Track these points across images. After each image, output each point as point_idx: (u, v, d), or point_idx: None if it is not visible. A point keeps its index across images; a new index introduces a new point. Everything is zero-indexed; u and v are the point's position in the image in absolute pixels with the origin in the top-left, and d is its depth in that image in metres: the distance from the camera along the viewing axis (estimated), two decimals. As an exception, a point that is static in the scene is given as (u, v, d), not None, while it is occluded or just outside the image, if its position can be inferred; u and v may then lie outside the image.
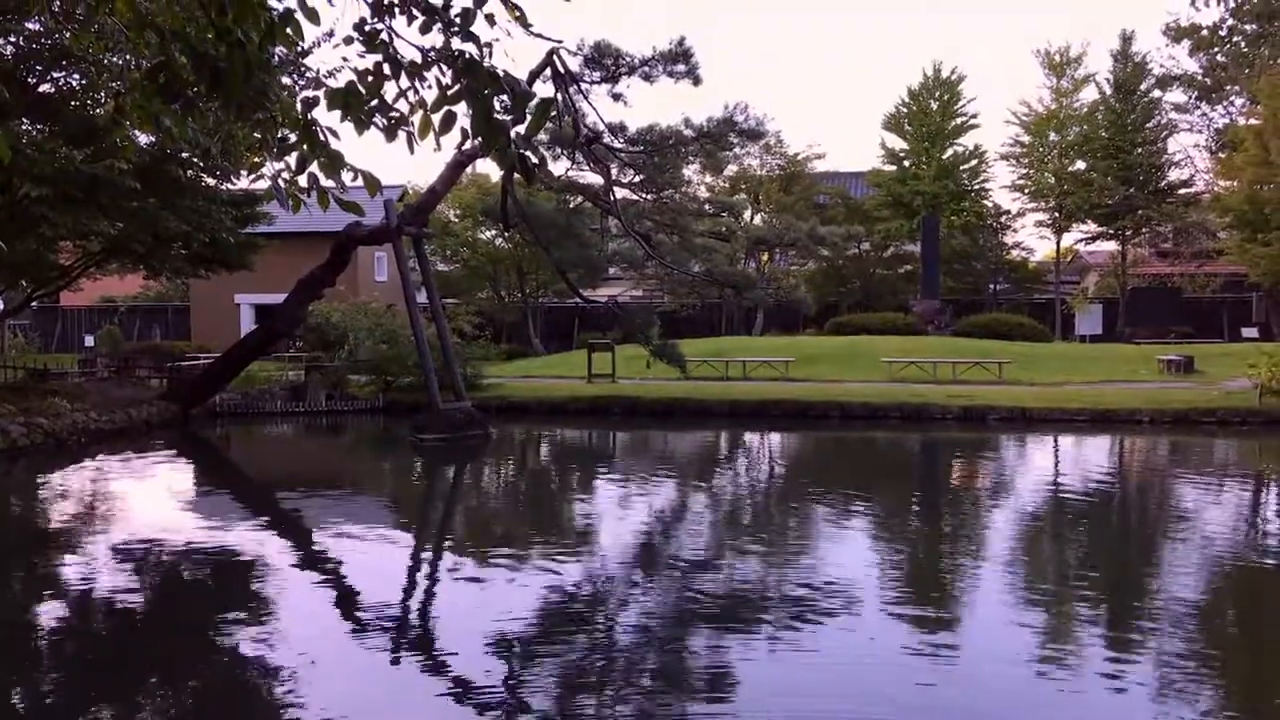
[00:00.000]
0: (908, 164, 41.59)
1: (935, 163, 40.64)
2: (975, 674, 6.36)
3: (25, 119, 16.72)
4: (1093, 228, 40.43)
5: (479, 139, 3.60)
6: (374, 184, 3.88)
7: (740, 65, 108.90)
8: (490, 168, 34.82)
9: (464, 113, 3.64)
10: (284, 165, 4.06)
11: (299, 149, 3.86)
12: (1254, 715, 5.99)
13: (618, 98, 18.19)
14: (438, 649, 7.17)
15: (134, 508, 12.50)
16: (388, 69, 3.72)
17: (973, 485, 14.22)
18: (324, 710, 5.90)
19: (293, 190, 4.05)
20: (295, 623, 7.66)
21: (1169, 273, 40.11)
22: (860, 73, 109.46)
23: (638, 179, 20.66)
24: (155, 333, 37.28)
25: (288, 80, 17.32)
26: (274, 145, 4.13)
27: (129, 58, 12.35)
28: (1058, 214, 40.08)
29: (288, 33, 3.68)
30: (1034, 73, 70.08)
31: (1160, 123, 39.23)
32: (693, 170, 35.14)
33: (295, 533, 11.48)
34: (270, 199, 3.98)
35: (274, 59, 3.93)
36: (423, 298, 20.80)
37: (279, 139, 4.12)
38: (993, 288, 42.16)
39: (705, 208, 28.02)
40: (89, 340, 35.00)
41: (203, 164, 18.70)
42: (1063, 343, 34.49)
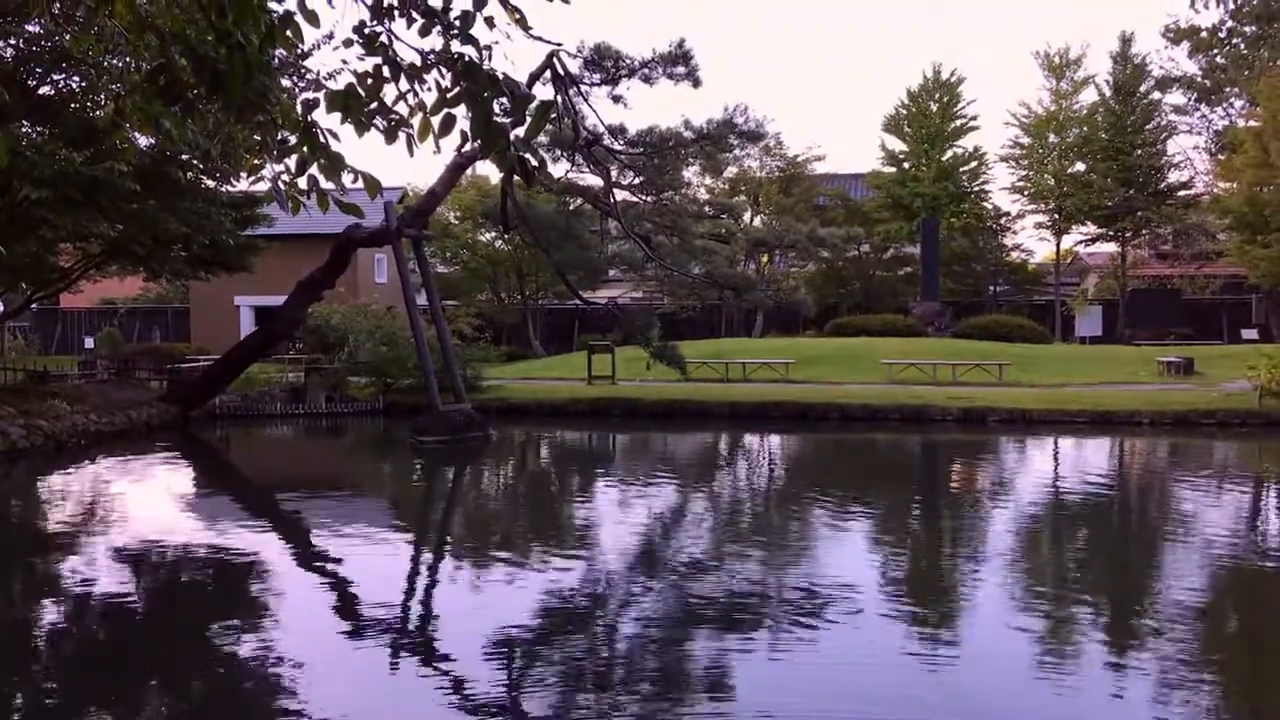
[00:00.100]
0: (907, 166, 41.62)
1: (935, 164, 40.66)
2: (975, 676, 6.37)
3: (25, 121, 16.73)
4: (1092, 229, 40.46)
5: (479, 141, 3.61)
6: (374, 186, 3.89)
7: (740, 67, 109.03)
8: (490, 170, 34.83)
9: (464, 115, 3.65)
10: (284, 167, 4.06)
11: (299, 151, 3.87)
12: (1254, 716, 6.00)
13: (617, 100, 18.22)
14: (437, 651, 7.17)
15: (134, 510, 12.50)
16: (387, 71, 3.73)
17: (973, 487, 14.22)
18: (323, 712, 5.90)
19: (292, 192, 4.05)
20: (295, 624, 7.66)
21: (1169, 274, 40.12)
22: (860, 74, 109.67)
23: (637, 181, 20.66)
24: (155, 335, 37.28)
25: (288, 82, 17.33)
26: (274, 147, 4.13)
27: (129, 60, 12.37)
28: (1057, 216, 40.11)
29: (287, 35, 3.69)
30: (1033, 75, 70.15)
31: (1160, 124, 39.27)
32: (692, 172, 35.22)
33: (295, 535, 11.48)
34: (270, 201, 3.98)
35: (274, 61, 3.93)
36: (423, 300, 20.80)
37: (279, 141, 4.13)
38: (992, 289, 42.19)
39: (705, 210, 28.03)
40: (89, 342, 35.02)
41: (203, 166, 18.70)
42: (1062, 344, 34.49)
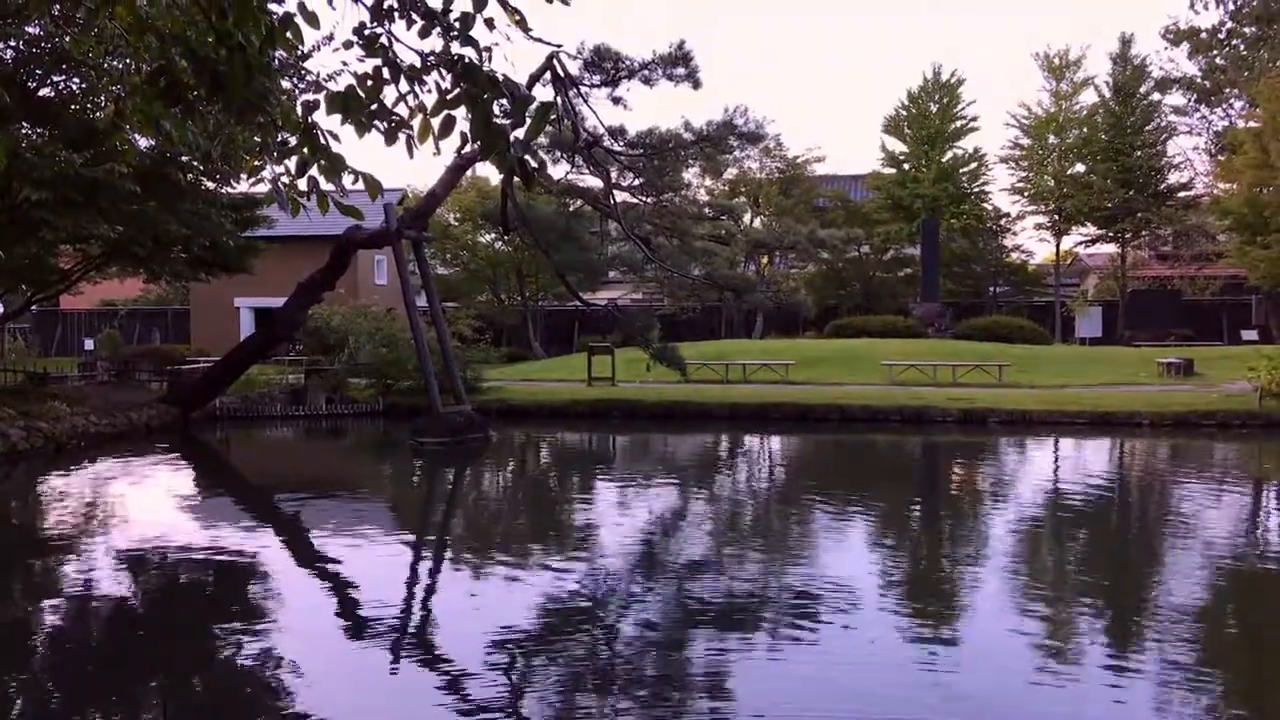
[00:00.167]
0: (907, 167, 41.62)
1: (935, 165, 40.67)
2: (975, 676, 6.36)
3: (25, 123, 16.72)
4: (1092, 230, 40.44)
5: (478, 143, 3.61)
6: (375, 187, 3.89)
7: (740, 66, 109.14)
8: (490, 171, 34.85)
9: (463, 117, 3.65)
10: (284, 169, 4.06)
11: (299, 152, 3.87)
12: (1255, 716, 5.99)
13: (617, 101, 18.22)
14: (438, 652, 7.17)
15: (134, 511, 12.50)
16: (387, 73, 3.73)
17: (973, 488, 14.22)
18: (323, 712, 5.90)
19: (292, 194, 4.05)
20: (295, 625, 7.66)
21: (1168, 275, 40.12)
22: (860, 74, 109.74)
23: (637, 182, 20.67)
24: (155, 336, 37.26)
25: (288, 84, 17.33)
26: (274, 149, 4.14)
27: (129, 62, 12.35)
28: (1057, 217, 40.11)
29: (287, 37, 3.69)
30: (1033, 76, 70.18)
31: (1159, 125, 39.26)
32: (692, 173, 35.22)
33: (295, 536, 11.48)
34: (271, 202, 3.97)
35: (274, 63, 3.93)
36: (423, 301, 20.80)
37: (279, 142, 4.13)
38: (992, 290, 42.20)
39: (705, 211, 27.99)
40: (89, 344, 35.02)
41: (203, 168, 18.70)
42: (1063, 345, 34.50)
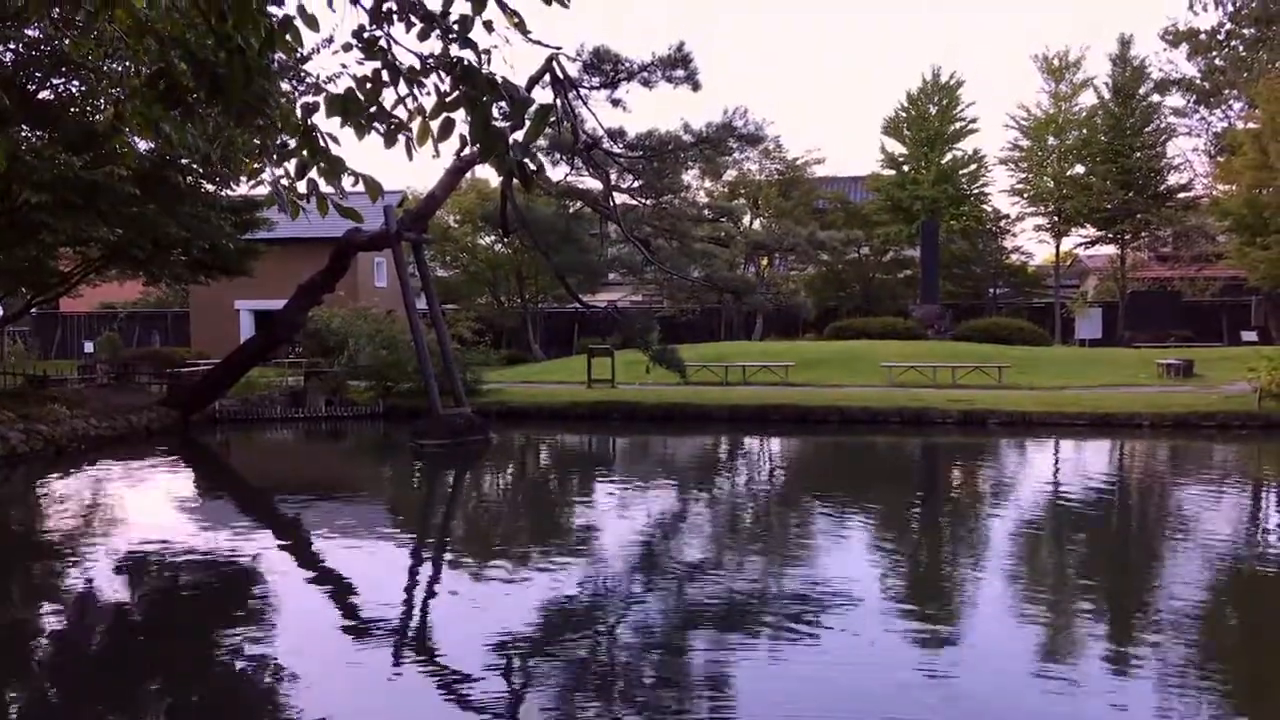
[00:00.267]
0: (907, 168, 41.63)
1: (934, 167, 40.68)
2: (975, 678, 6.36)
3: (25, 125, 16.73)
4: (1092, 232, 40.44)
5: (478, 145, 3.61)
6: (375, 189, 3.89)
7: (741, 66, 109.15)
8: (490, 173, 34.85)
9: (463, 119, 3.65)
10: (283, 171, 4.07)
11: (299, 155, 3.87)
12: (1255, 717, 5.99)
13: (617, 103, 18.26)
14: (437, 654, 7.16)
15: (134, 514, 12.49)
16: (386, 75, 3.73)
17: (973, 490, 14.21)
18: (324, 713, 5.90)
19: (292, 196, 4.06)
20: (295, 628, 7.66)
21: (1168, 276, 40.12)
22: (861, 73, 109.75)
23: (637, 184, 20.70)
24: (155, 339, 37.24)
25: (287, 86, 17.34)
26: (274, 151, 4.14)
27: (128, 64, 12.36)
28: (1057, 218, 40.11)
29: (287, 39, 3.70)
30: (1033, 76, 70.16)
31: (1159, 127, 39.26)
32: (692, 175, 35.21)
33: (295, 538, 11.48)
34: (271, 204, 3.97)
35: (273, 65, 3.93)
36: (422, 303, 20.82)
37: (279, 145, 4.13)
38: (992, 292, 42.20)
39: (704, 213, 28.06)
40: (89, 346, 35.01)
41: (202, 170, 18.71)
42: (1062, 347, 34.51)
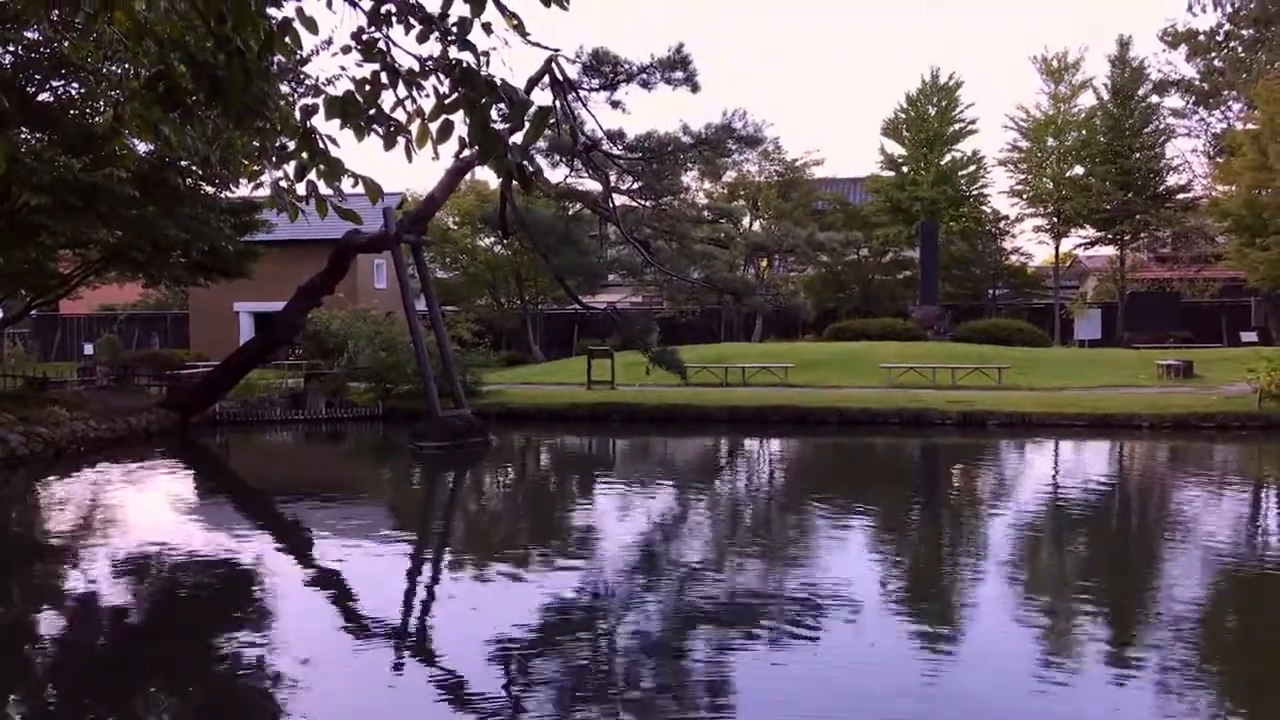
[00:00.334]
0: (906, 170, 41.61)
1: (934, 168, 40.67)
2: (975, 679, 6.36)
3: (24, 128, 16.74)
4: (1091, 233, 40.44)
5: (476, 147, 3.61)
6: (375, 191, 3.89)
7: (741, 67, 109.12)
8: (489, 175, 34.84)
9: (462, 121, 3.65)
10: (283, 173, 4.07)
11: (298, 157, 3.87)
12: (1255, 717, 5.99)
13: (616, 105, 18.26)
14: (437, 656, 7.16)
15: (134, 516, 12.49)
16: (385, 78, 3.73)
17: (972, 491, 14.21)
18: (324, 715, 5.90)
19: (291, 198, 4.06)
20: (295, 630, 7.65)
21: (1168, 277, 40.12)
22: (861, 73, 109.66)
23: (636, 186, 20.69)
24: (154, 341, 37.22)
25: (287, 88, 17.35)
26: (273, 153, 4.14)
27: (128, 66, 12.36)
28: (1056, 219, 40.10)
29: (286, 42, 3.70)
30: (1032, 78, 70.21)
31: (1158, 128, 39.25)
32: (691, 177, 35.22)
33: (295, 540, 11.47)
34: (271, 206, 3.96)
35: (273, 67, 3.94)
36: (422, 305, 20.82)
37: (278, 147, 4.13)
38: (992, 293, 42.21)
39: (704, 214, 28.06)
40: (88, 348, 34.99)
41: (202, 172, 18.72)
42: (1062, 348, 34.52)
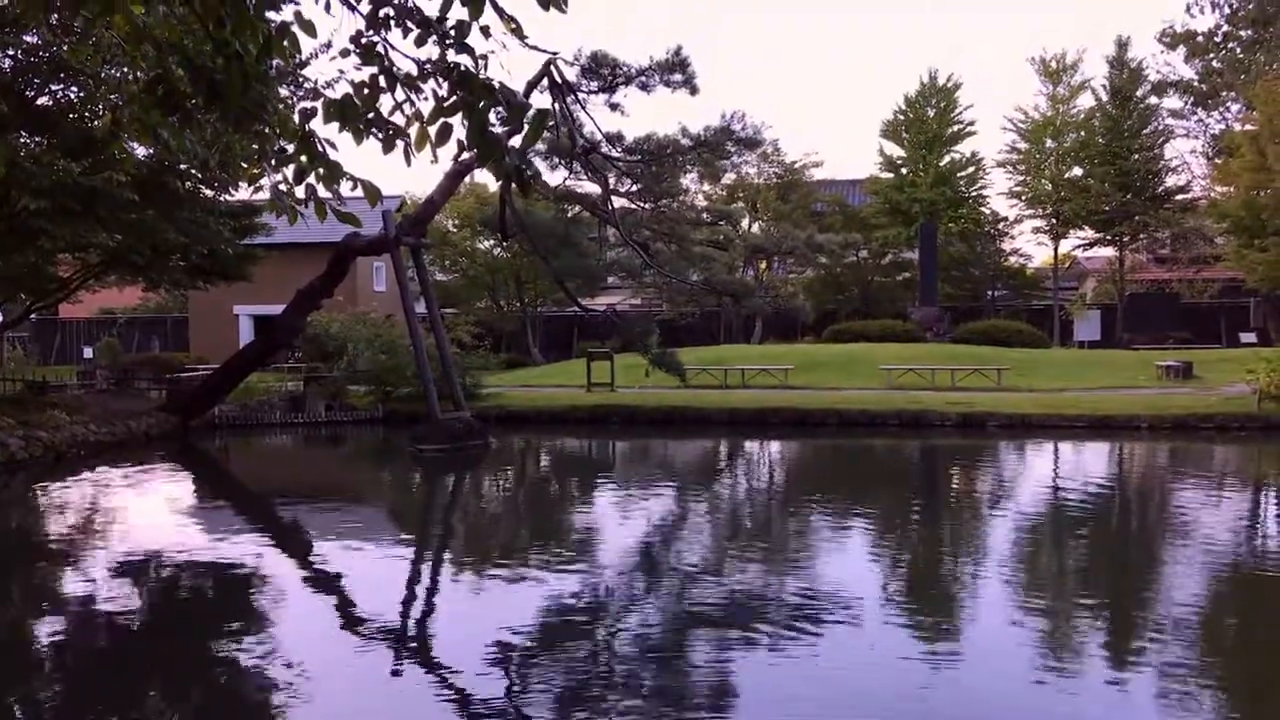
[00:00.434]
0: (905, 171, 41.60)
1: (933, 170, 40.66)
2: (975, 681, 6.36)
3: (23, 132, 16.74)
4: (1090, 234, 40.44)
5: (475, 150, 3.62)
6: (374, 194, 3.90)
7: (742, 66, 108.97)
8: (488, 177, 34.80)
9: (460, 124, 3.66)
10: (282, 176, 4.07)
11: (297, 160, 3.88)
12: (1255, 718, 6.00)
13: (615, 107, 18.25)
14: (437, 659, 7.16)
15: (133, 520, 12.49)
16: (384, 81, 3.74)
17: (972, 492, 14.21)
18: (323, 716, 5.89)
19: (291, 201, 4.06)
20: (295, 633, 7.65)
21: (1167, 278, 40.13)
22: (863, 72, 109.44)
23: (635, 188, 20.68)
24: (154, 344, 37.23)
25: (285, 91, 17.35)
26: (272, 156, 4.14)
27: (126, 70, 12.38)
28: (1055, 220, 40.11)
29: (284, 45, 3.70)
30: (1031, 79, 70.17)
31: (1157, 129, 39.27)
32: (690, 179, 35.18)
33: (295, 544, 11.47)
34: (272, 209, 3.96)
35: (271, 71, 3.95)
36: (421, 308, 20.82)
37: (277, 150, 4.14)
38: (991, 294, 42.22)
39: (703, 216, 28.00)
40: (88, 352, 34.99)
41: (201, 176, 18.73)
42: (1061, 349, 34.52)
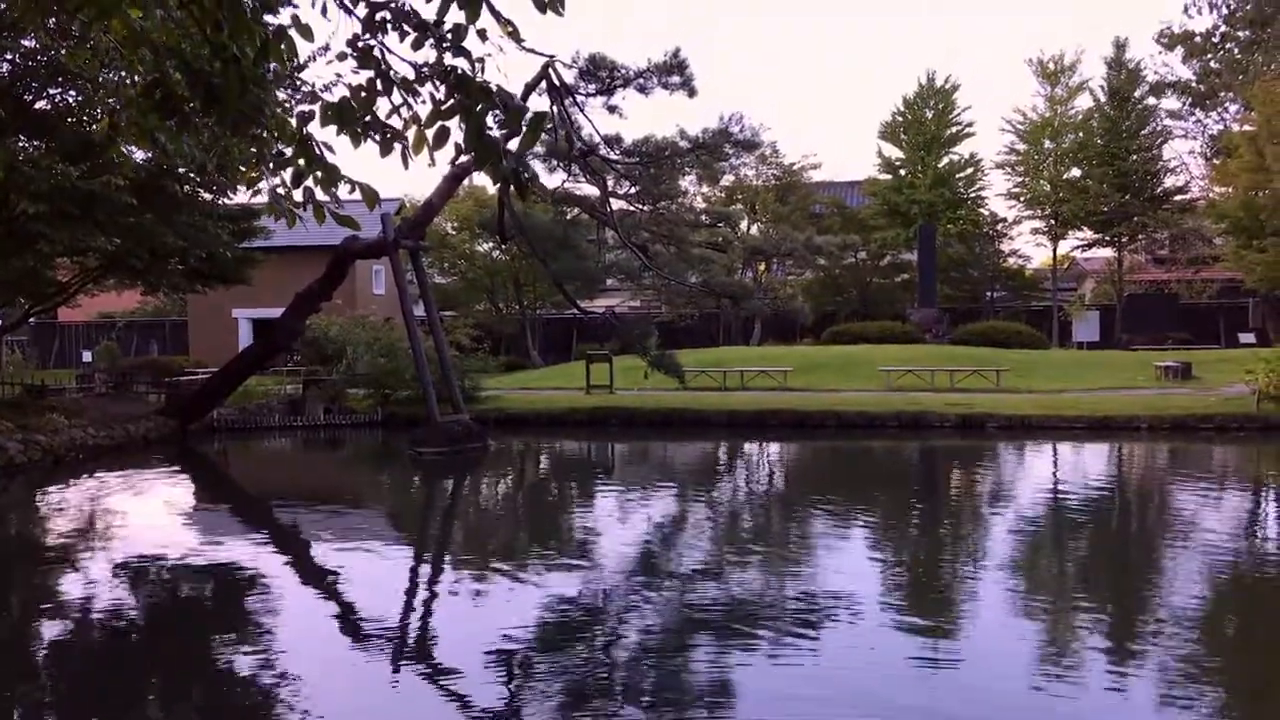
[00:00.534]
0: (904, 173, 41.63)
1: (931, 171, 40.69)
2: (976, 682, 6.35)
3: (22, 136, 16.75)
4: (1089, 235, 40.48)
5: (472, 154, 3.62)
6: (372, 196, 3.90)
7: (741, 68, 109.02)
8: (487, 180, 34.72)
9: (458, 127, 3.66)
10: (280, 180, 4.07)
11: (295, 163, 3.88)
12: (1255, 718, 6.00)
13: (613, 110, 18.25)
14: (437, 661, 7.15)
15: (132, 524, 12.47)
16: (381, 84, 3.74)
17: (972, 493, 14.21)
18: (323, 716, 5.90)
19: (289, 204, 4.06)
20: (294, 636, 7.64)
21: (1165, 279, 40.17)
22: (861, 74, 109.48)
23: (634, 190, 20.68)
24: (153, 348, 37.24)
25: (283, 95, 17.35)
26: (270, 160, 4.14)
27: (124, 74, 12.38)
28: (1054, 221, 40.15)
29: (281, 49, 3.70)
30: (1030, 80, 70.22)
31: (1155, 129, 39.31)
32: (689, 181, 35.21)
33: (294, 547, 11.47)
34: (270, 212, 3.97)
35: (269, 74, 3.95)
36: (420, 311, 20.82)
37: (275, 154, 4.14)
38: (990, 295, 42.23)
39: (701, 218, 28.02)
40: (87, 356, 34.97)
41: (199, 179, 18.73)
42: (1060, 350, 34.52)
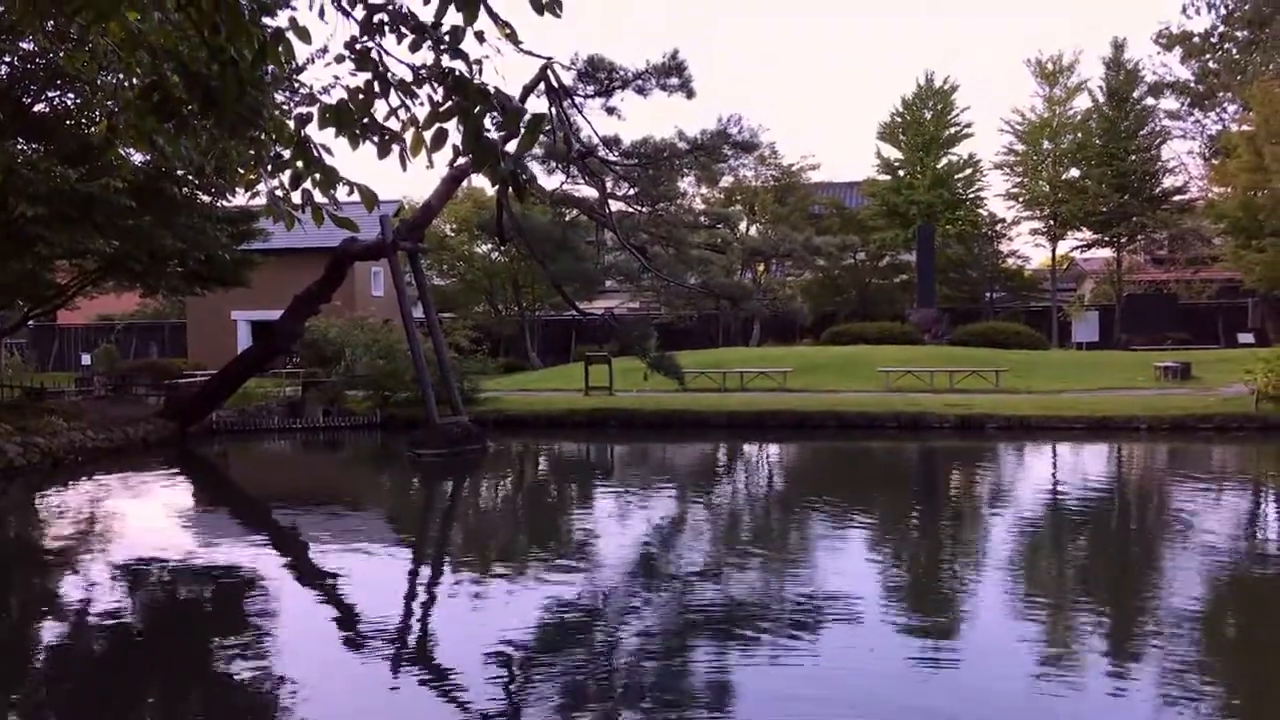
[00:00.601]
0: (902, 173, 41.66)
1: (930, 172, 40.72)
2: (975, 683, 6.35)
3: (20, 138, 16.76)
4: (1088, 235, 40.51)
5: (470, 156, 3.62)
6: (371, 198, 3.89)
7: (740, 69, 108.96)
8: (486, 182, 34.80)
9: (456, 129, 3.66)
10: (279, 182, 4.07)
11: (293, 165, 3.87)
12: (1255, 718, 5.99)
13: (611, 111, 18.27)
14: (437, 663, 7.15)
15: (132, 526, 12.47)
16: (379, 87, 3.74)
17: (971, 494, 14.21)
18: (323, 718, 5.89)
19: (287, 207, 4.06)
20: (294, 638, 7.64)
21: (1165, 279, 40.20)
22: (860, 75, 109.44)
23: (632, 192, 20.68)
24: (152, 350, 37.23)
25: (281, 97, 17.36)
26: (268, 162, 4.14)
27: (122, 77, 12.38)
28: (1052, 222, 40.18)
29: (279, 51, 3.70)
30: (1028, 80, 70.21)
31: (1153, 130, 39.35)
32: (687, 182, 35.23)
33: (293, 549, 11.46)
34: (269, 214, 3.96)
35: (267, 77, 3.95)
36: (419, 312, 20.82)
37: (273, 156, 4.14)
38: (989, 296, 42.25)
39: (700, 219, 28.03)
40: (86, 358, 34.96)
41: (198, 182, 18.74)
42: (1059, 350, 34.54)
